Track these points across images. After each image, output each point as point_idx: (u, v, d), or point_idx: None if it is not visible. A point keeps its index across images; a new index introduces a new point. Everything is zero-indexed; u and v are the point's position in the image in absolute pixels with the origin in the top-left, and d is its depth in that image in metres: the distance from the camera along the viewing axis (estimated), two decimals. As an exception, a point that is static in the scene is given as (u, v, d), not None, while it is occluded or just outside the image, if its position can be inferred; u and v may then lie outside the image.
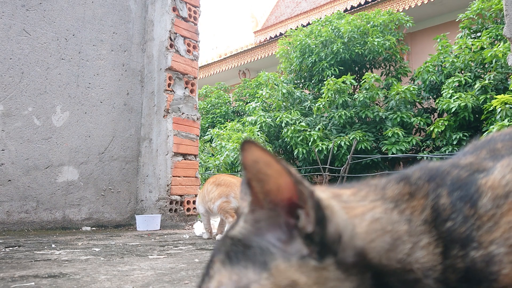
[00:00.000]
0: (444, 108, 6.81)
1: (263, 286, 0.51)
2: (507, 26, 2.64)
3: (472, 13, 7.65)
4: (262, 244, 0.54)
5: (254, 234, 0.56)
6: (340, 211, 0.55)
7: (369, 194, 0.58)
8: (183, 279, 1.51)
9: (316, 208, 0.53)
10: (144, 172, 4.43)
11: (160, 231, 3.82)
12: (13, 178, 3.52)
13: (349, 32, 8.48)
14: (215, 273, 0.56)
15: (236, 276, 0.53)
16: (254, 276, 0.52)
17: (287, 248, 0.53)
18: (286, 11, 14.06)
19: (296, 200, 0.54)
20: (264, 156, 0.52)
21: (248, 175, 0.54)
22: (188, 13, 4.71)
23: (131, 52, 4.54)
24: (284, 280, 0.51)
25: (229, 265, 0.55)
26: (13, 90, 3.61)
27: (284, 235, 0.54)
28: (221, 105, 12.09)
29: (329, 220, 0.53)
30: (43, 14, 3.85)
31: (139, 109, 4.57)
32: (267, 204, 0.55)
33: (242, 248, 0.55)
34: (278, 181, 0.53)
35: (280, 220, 0.55)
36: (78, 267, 1.77)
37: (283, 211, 0.55)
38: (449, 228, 0.54)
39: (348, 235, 0.53)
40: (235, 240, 0.57)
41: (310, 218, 0.52)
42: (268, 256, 0.53)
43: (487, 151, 0.67)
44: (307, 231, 0.53)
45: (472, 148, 0.73)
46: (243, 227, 0.57)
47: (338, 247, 0.52)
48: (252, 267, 0.53)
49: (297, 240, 0.53)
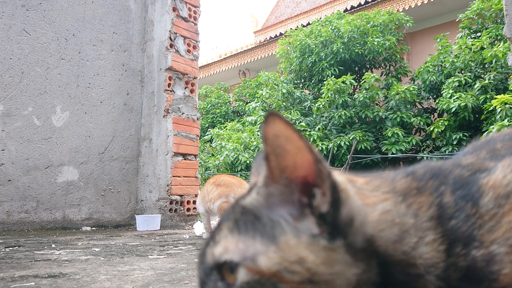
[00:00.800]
0: (444, 108, 6.81)
1: (271, 259, 0.51)
2: (507, 26, 2.64)
3: (472, 13, 7.65)
4: (273, 218, 0.54)
5: (266, 208, 0.56)
6: (354, 196, 0.55)
7: (382, 186, 0.59)
8: (183, 279, 1.51)
9: (333, 189, 0.53)
10: (144, 172, 4.43)
11: (160, 231, 3.82)
12: (13, 178, 3.52)
13: (349, 32, 8.48)
14: (222, 239, 0.56)
15: (243, 245, 0.53)
16: (262, 247, 0.52)
17: (297, 225, 0.53)
18: (286, 11, 14.06)
19: (312, 179, 0.54)
20: (286, 130, 0.52)
21: (267, 149, 0.53)
22: (188, 13, 4.71)
23: (131, 52, 4.54)
24: (293, 256, 0.51)
25: (237, 233, 0.55)
26: (13, 90, 3.61)
27: (296, 212, 0.54)
28: (221, 105, 12.09)
29: (343, 203, 0.53)
30: (43, 14, 3.85)
31: (139, 109, 4.57)
32: (282, 180, 0.55)
33: (252, 219, 0.55)
34: (296, 158, 0.53)
35: (293, 197, 0.55)
36: (78, 267, 1.77)
37: (297, 188, 0.55)
38: (453, 226, 0.54)
39: (359, 221, 0.54)
40: (246, 210, 0.57)
41: (326, 198, 0.53)
42: (278, 230, 0.53)
43: (486, 151, 0.67)
44: (321, 211, 0.53)
45: (472, 148, 0.73)
46: (255, 199, 0.57)
47: (349, 230, 0.53)
48: (260, 239, 0.53)
49: (309, 219, 0.53)
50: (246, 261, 0.52)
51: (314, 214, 0.53)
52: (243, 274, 0.52)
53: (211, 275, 0.56)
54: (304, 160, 0.53)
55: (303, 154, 0.53)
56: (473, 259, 0.52)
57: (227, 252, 0.54)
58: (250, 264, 0.52)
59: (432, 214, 0.55)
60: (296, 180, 0.55)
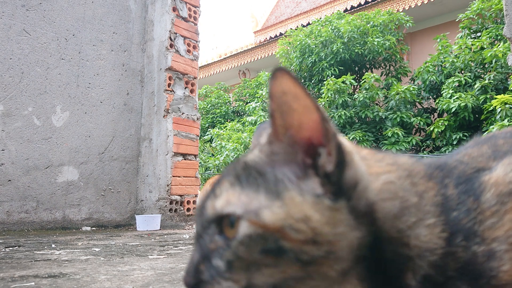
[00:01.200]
0: (444, 108, 6.82)
1: (275, 214, 0.50)
2: (507, 26, 2.64)
3: (472, 13, 7.64)
4: (276, 175, 0.54)
5: (269, 165, 0.55)
6: (359, 161, 0.55)
7: (385, 159, 0.59)
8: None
9: (338, 149, 0.53)
10: (144, 172, 4.43)
11: (160, 231, 3.82)
12: (13, 178, 3.52)
13: (349, 32, 8.48)
14: (223, 192, 0.55)
15: (246, 198, 0.52)
16: (266, 202, 0.51)
17: (301, 185, 0.53)
18: (286, 11, 14.05)
19: (318, 139, 0.53)
20: (294, 88, 0.51)
21: (272, 106, 0.53)
22: (188, 13, 4.71)
23: (131, 52, 4.54)
24: (298, 213, 0.50)
25: (239, 187, 0.54)
26: (13, 90, 3.61)
27: (300, 172, 0.54)
28: (221, 105, 12.09)
29: (348, 166, 0.53)
30: (43, 14, 3.85)
31: (139, 109, 4.57)
32: (286, 139, 0.54)
33: (255, 174, 0.54)
34: (302, 118, 0.53)
35: (297, 157, 0.54)
36: (78, 267, 1.77)
37: (301, 149, 0.54)
38: (455, 217, 0.54)
39: (363, 185, 0.54)
40: (248, 165, 0.56)
41: (331, 158, 0.53)
42: (282, 187, 0.52)
43: (488, 146, 0.67)
44: (326, 170, 0.53)
45: (474, 143, 0.74)
46: (258, 156, 0.56)
47: (353, 194, 0.53)
48: (265, 194, 0.52)
49: (312, 179, 0.53)
50: (249, 214, 0.51)
51: (318, 175, 0.53)
52: (245, 227, 0.51)
53: (209, 228, 0.55)
54: (310, 120, 0.53)
55: (310, 113, 0.52)
56: (473, 254, 0.52)
57: (229, 205, 0.53)
58: (253, 217, 0.51)
59: (437, 202, 0.55)
60: (301, 140, 0.54)
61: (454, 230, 0.54)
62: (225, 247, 0.52)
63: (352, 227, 0.51)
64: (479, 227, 0.53)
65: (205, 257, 0.55)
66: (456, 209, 0.55)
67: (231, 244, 0.52)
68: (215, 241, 0.54)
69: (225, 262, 0.52)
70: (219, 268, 0.53)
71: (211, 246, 0.54)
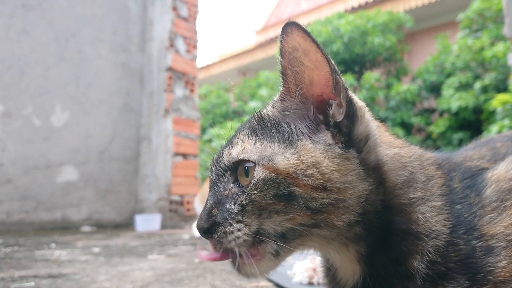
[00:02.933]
0: (445, 108, 6.81)
1: (288, 159, 0.53)
2: (507, 26, 2.64)
3: (472, 13, 7.64)
4: (290, 127, 0.57)
5: (282, 120, 0.58)
6: (371, 118, 0.58)
7: (397, 137, 0.63)
8: (182, 279, 1.51)
9: (349, 101, 0.55)
10: (144, 172, 4.42)
11: (160, 231, 3.82)
12: (13, 178, 3.51)
13: (349, 32, 8.47)
14: (239, 142, 0.58)
15: (261, 146, 0.55)
16: (280, 149, 0.54)
17: (313, 137, 0.55)
18: (286, 11, 14.06)
19: (329, 93, 0.55)
20: (305, 43, 0.52)
21: (284, 63, 0.54)
22: (188, 13, 4.71)
23: (131, 52, 4.54)
24: (309, 158, 0.53)
25: (254, 137, 0.57)
26: (13, 90, 3.60)
27: (312, 126, 0.56)
28: (221, 105, 12.08)
29: (359, 120, 0.56)
30: (43, 14, 3.85)
31: (139, 109, 4.56)
32: (298, 96, 0.57)
33: (269, 125, 0.57)
34: (312, 74, 0.54)
35: (309, 113, 0.57)
36: (77, 267, 1.77)
37: (313, 106, 0.57)
38: (459, 210, 0.57)
39: (373, 141, 0.56)
40: (262, 118, 0.59)
41: (341, 109, 0.55)
42: (295, 137, 0.55)
43: (487, 149, 0.70)
44: (336, 119, 0.55)
45: (474, 145, 0.77)
46: (271, 111, 0.59)
47: (364, 147, 0.55)
48: (278, 142, 0.55)
49: (324, 133, 0.56)
50: (263, 160, 0.54)
51: (329, 129, 0.55)
52: (260, 171, 0.53)
53: (224, 176, 0.58)
54: (321, 75, 0.54)
55: (321, 67, 0.53)
56: (473, 248, 0.54)
57: (244, 152, 0.56)
58: (267, 163, 0.53)
59: (444, 191, 0.58)
60: (312, 97, 0.56)
61: (456, 222, 0.55)
62: (239, 192, 0.55)
63: (361, 177, 0.54)
64: (479, 222, 0.55)
65: (219, 202, 0.57)
66: (459, 202, 0.57)
67: (245, 189, 0.55)
68: (230, 188, 0.57)
69: (238, 205, 0.55)
70: (232, 211, 0.55)
71: (225, 193, 0.57)
